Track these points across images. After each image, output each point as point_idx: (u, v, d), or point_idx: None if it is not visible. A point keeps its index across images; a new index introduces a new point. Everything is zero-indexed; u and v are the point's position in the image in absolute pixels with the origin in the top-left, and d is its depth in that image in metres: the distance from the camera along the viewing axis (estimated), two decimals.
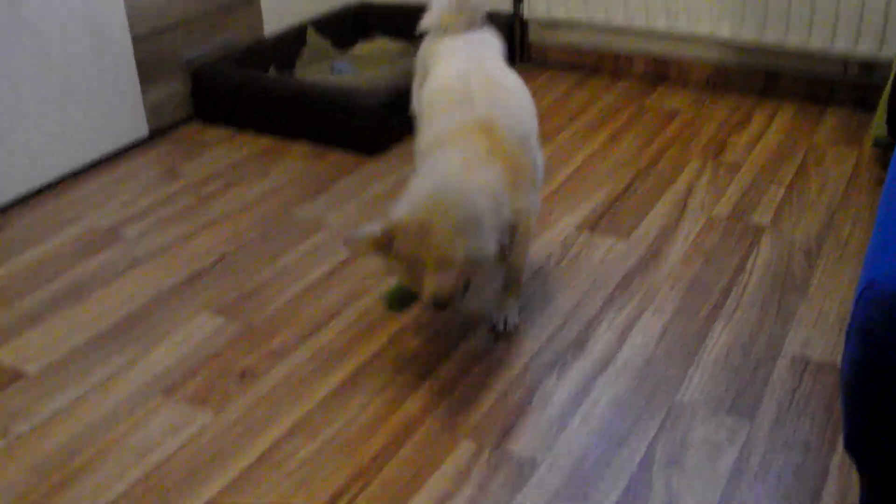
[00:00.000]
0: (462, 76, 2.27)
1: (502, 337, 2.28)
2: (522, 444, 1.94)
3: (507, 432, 1.97)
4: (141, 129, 3.42)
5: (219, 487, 1.86)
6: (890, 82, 2.85)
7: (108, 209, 2.98)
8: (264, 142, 3.43)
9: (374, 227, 1.98)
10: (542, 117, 3.47)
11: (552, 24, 4.00)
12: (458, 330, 2.29)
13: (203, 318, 2.40)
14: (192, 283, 2.56)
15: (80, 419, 2.07)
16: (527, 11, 3.95)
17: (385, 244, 1.97)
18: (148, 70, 3.40)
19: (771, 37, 3.50)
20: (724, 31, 3.59)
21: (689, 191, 2.93)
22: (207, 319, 2.39)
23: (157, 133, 3.50)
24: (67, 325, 2.39)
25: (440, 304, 1.97)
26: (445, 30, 2.53)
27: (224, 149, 3.38)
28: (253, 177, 3.16)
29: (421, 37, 2.62)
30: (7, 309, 2.47)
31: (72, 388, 2.16)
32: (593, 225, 2.75)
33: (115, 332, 2.36)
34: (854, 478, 1.81)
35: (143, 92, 3.39)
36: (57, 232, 2.86)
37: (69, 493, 1.87)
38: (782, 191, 2.90)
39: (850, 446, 1.46)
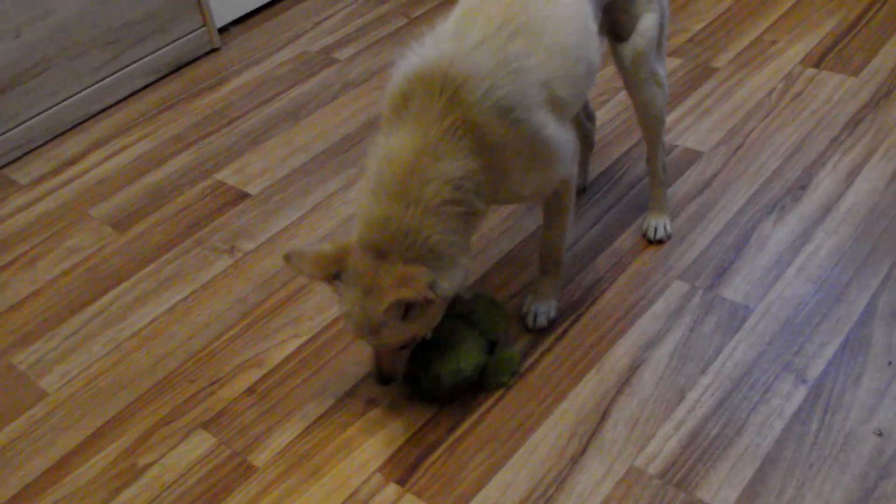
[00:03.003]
0: None
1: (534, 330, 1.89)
2: (736, 288, 1.90)
3: (720, 275, 1.93)
4: None
5: None
6: None
7: (321, 31, 3.02)
8: None
9: (322, 247, 1.59)
10: None
11: None
12: (673, 171, 2.23)
13: None
14: None
15: (301, 238, 2.16)
16: None
17: (332, 270, 1.57)
18: None
19: None
20: None
21: None
22: None
23: None
24: (286, 147, 2.48)
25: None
26: None
27: None
28: None
29: None
30: (228, 130, 2.58)
31: (293, 208, 2.26)
32: (819, 59, 2.59)
33: (331, 153, 2.43)
34: None
35: None
36: (272, 54, 2.93)
37: (293, 310, 1.98)
38: None
39: None
